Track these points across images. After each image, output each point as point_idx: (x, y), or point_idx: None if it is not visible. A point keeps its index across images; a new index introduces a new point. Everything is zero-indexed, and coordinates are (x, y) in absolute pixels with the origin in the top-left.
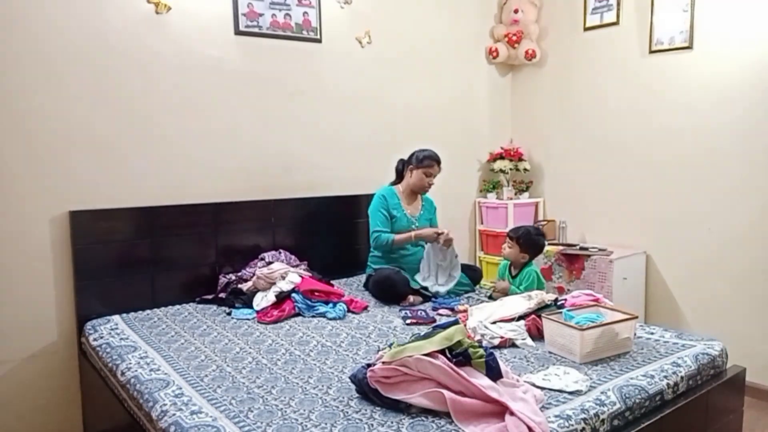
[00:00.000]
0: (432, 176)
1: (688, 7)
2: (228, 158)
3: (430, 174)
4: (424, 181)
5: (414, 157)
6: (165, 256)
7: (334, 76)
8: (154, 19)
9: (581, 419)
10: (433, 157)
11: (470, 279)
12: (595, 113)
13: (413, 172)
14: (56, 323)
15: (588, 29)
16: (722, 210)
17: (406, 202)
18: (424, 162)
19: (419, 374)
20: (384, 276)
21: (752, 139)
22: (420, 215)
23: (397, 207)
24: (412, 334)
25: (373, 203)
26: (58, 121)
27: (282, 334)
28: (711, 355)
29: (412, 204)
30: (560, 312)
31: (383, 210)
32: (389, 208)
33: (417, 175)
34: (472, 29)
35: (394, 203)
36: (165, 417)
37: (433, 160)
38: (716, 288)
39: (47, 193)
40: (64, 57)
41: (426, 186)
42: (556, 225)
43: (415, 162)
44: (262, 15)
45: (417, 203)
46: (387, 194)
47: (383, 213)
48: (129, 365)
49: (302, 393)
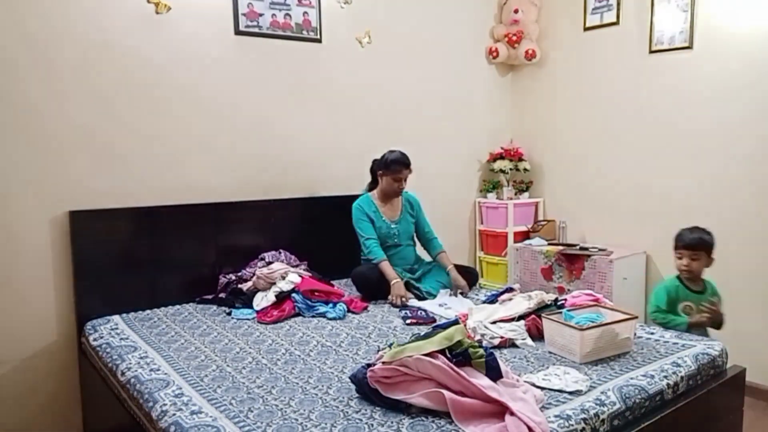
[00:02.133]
0: (402, 180)
1: (688, 7)
2: (228, 158)
3: (400, 179)
4: (394, 185)
5: (383, 161)
6: (165, 256)
7: (334, 76)
8: (154, 19)
9: (581, 419)
10: (401, 161)
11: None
12: (595, 113)
13: (383, 177)
14: (56, 323)
15: (588, 29)
16: (722, 210)
17: (384, 206)
18: (391, 167)
19: (419, 374)
20: (359, 273)
21: (752, 138)
22: (400, 218)
23: (374, 214)
24: (412, 334)
25: (353, 216)
26: (58, 121)
27: (282, 334)
28: (711, 355)
29: (391, 207)
30: (560, 312)
31: (364, 219)
32: (369, 217)
33: (386, 181)
34: (472, 29)
35: (371, 211)
36: (165, 417)
37: (401, 164)
38: (716, 288)
39: (47, 193)
40: (64, 57)
41: (397, 190)
42: (556, 225)
43: (383, 167)
44: (262, 15)
45: (396, 205)
46: (363, 204)
47: (365, 221)
48: (129, 365)
49: (302, 393)
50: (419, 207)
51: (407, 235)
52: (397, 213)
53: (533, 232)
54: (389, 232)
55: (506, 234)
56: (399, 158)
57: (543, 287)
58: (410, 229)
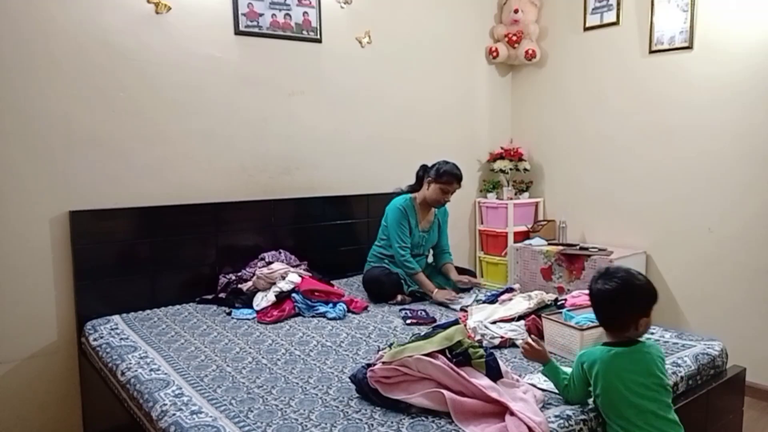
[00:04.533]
0: (450, 193)
1: (688, 7)
2: (228, 158)
3: (448, 191)
4: (441, 197)
5: (435, 169)
6: (165, 256)
7: (334, 76)
8: (154, 19)
9: (581, 419)
10: (454, 174)
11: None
12: (595, 113)
13: (431, 185)
14: (56, 323)
15: (588, 29)
16: (722, 210)
17: (421, 215)
18: (443, 178)
19: (419, 374)
20: (374, 277)
21: (752, 138)
22: (431, 228)
23: (412, 222)
24: (412, 334)
25: (392, 215)
26: (58, 121)
27: (282, 334)
28: (711, 355)
29: (426, 217)
30: (560, 312)
31: (403, 223)
32: (408, 222)
33: (434, 189)
34: (472, 29)
35: (411, 215)
36: (165, 417)
37: (454, 176)
38: (716, 288)
39: (47, 193)
40: (65, 57)
41: (442, 202)
42: (556, 225)
43: (435, 175)
44: (262, 15)
45: (430, 215)
46: (407, 208)
47: (403, 226)
48: (129, 365)
49: (302, 393)
50: (446, 220)
51: (431, 245)
52: (429, 223)
53: (533, 232)
54: (419, 242)
55: (506, 234)
56: (453, 171)
57: (543, 287)
58: (435, 241)
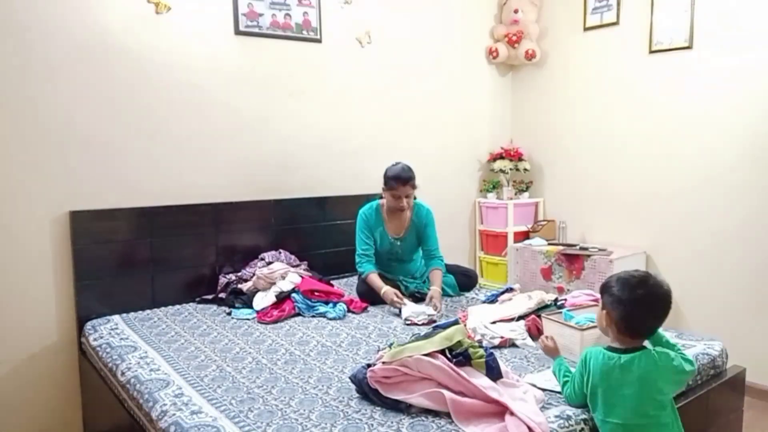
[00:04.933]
0: (402, 197)
1: (688, 7)
2: (228, 158)
3: (399, 196)
4: (395, 203)
5: (384, 175)
6: (165, 256)
7: (334, 76)
8: (154, 19)
9: (581, 419)
10: (399, 177)
11: (464, 285)
12: (595, 113)
13: (384, 193)
14: (56, 323)
15: (588, 29)
16: (722, 210)
17: (391, 221)
18: (388, 184)
19: (419, 374)
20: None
21: (752, 138)
22: (405, 236)
23: (378, 227)
24: (412, 334)
25: (356, 223)
26: (59, 121)
27: (282, 334)
28: (711, 355)
29: (397, 223)
30: (560, 312)
31: (365, 230)
32: (371, 229)
33: (387, 197)
34: (472, 29)
35: (374, 223)
36: (165, 417)
37: (398, 180)
38: (716, 288)
39: (47, 193)
40: (65, 57)
41: (399, 207)
42: (556, 225)
43: (383, 182)
44: (262, 15)
45: (403, 220)
46: (368, 213)
47: (364, 233)
48: (129, 365)
49: (302, 393)
50: (429, 222)
51: (412, 253)
52: (402, 230)
53: (533, 232)
54: (391, 249)
55: (506, 234)
56: (397, 174)
57: (543, 287)
58: (416, 247)
